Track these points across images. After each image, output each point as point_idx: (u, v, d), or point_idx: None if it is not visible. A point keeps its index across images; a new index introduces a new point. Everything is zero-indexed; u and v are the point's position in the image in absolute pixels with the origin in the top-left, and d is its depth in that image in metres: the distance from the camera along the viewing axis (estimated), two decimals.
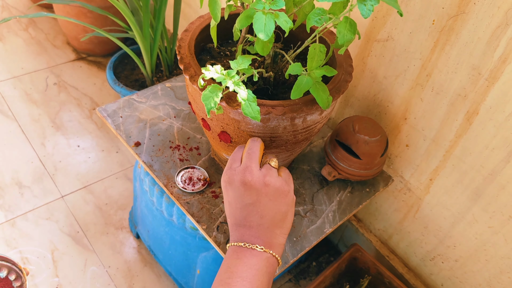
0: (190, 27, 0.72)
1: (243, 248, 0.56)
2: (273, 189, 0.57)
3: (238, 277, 0.53)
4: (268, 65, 0.69)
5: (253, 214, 0.57)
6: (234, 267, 0.55)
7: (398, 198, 1.01)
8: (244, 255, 0.56)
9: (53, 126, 1.57)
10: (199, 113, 0.71)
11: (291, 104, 0.62)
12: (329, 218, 0.82)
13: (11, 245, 1.24)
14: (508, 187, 0.76)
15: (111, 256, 1.26)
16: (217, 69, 0.55)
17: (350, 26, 0.54)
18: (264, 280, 0.55)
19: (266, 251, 0.56)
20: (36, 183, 1.40)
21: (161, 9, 1.29)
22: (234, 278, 0.53)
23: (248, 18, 0.55)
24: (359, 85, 0.96)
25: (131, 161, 1.50)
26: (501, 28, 0.66)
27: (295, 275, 1.26)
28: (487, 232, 0.84)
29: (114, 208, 1.37)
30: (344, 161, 0.83)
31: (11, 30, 1.92)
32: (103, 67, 1.83)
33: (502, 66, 0.68)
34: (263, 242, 0.57)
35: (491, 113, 0.73)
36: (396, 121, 0.91)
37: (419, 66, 0.81)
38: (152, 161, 0.84)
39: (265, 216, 0.57)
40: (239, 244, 0.57)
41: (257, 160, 0.59)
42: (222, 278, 0.55)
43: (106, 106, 0.92)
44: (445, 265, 0.97)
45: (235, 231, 0.59)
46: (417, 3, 0.76)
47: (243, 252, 0.56)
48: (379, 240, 1.13)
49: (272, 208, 0.57)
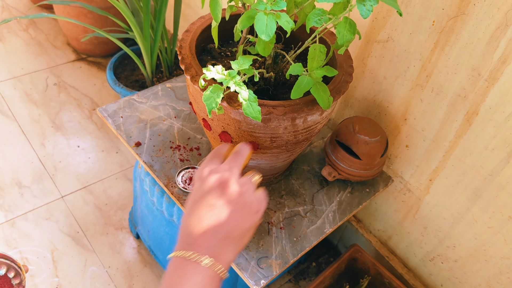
0: (191, 28, 0.72)
1: (187, 261, 0.49)
2: (245, 201, 0.53)
3: None
4: (269, 66, 0.69)
5: (214, 218, 0.51)
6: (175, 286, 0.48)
7: (398, 198, 1.01)
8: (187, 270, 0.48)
9: (53, 126, 1.57)
10: (200, 113, 0.71)
11: (292, 104, 0.62)
12: (329, 219, 0.82)
13: (11, 245, 1.24)
14: (508, 187, 0.77)
15: (111, 256, 1.26)
16: (218, 70, 0.56)
17: (349, 27, 0.54)
18: None
19: (212, 266, 0.49)
20: (36, 183, 1.40)
21: (161, 10, 1.29)
22: None
23: (249, 18, 0.55)
24: (359, 86, 0.96)
25: (131, 162, 1.50)
26: (501, 29, 0.66)
27: (295, 276, 1.26)
28: (487, 233, 0.84)
29: (114, 209, 1.37)
30: (344, 162, 0.83)
31: (11, 31, 1.92)
32: (103, 67, 1.83)
33: (502, 67, 0.69)
34: (213, 254, 0.49)
35: (490, 114, 0.73)
36: (396, 121, 0.91)
37: (419, 67, 0.81)
38: (153, 161, 0.85)
39: (225, 225, 0.51)
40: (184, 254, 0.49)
41: (241, 165, 0.57)
42: None
43: (107, 107, 0.93)
44: (444, 266, 0.97)
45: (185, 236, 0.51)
46: (417, 4, 0.76)
47: (187, 266, 0.49)
48: (379, 241, 1.13)
49: (236, 220, 0.52)
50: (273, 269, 0.73)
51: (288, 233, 0.78)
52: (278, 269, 0.73)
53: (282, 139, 0.67)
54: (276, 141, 0.67)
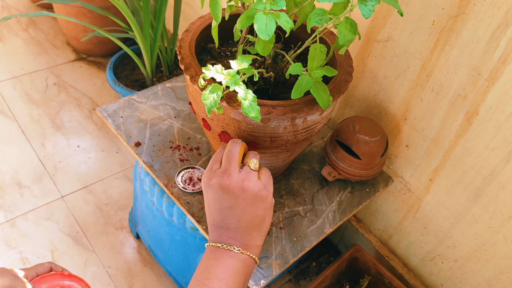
0: (190, 27, 0.72)
1: (221, 249, 0.57)
2: (251, 194, 0.57)
3: (215, 278, 0.54)
4: (268, 66, 0.69)
5: (231, 217, 0.57)
6: (212, 267, 0.55)
7: (398, 198, 1.01)
8: (221, 256, 0.56)
9: (53, 126, 1.57)
10: (199, 113, 0.71)
11: (292, 104, 0.62)
12: (329, 218, 0.82)
13: (11, 245, 1.24)
14: (508, 187, 0.77)
15: (111, 256, 1.26)
16: (218, 69, 0.56)
17: (350, 26, 0.54)
18: (241, 281, 0.56)
19: (243, 253, 0.57)
20: (36, 183, 1.40)
21: (161, 9, 1.29)
22: (211, 279, 0.54)
23: (249, 18, 0.55)
24: (359, 86, 0.96)
25: (131, 161, 1.50)
26: (501, 28, 0.66)
27: (295, 275, 1.26)
28: (487, 232, 0.84)
29: (114, 208, 1.37)
30: (344, 161, 0.83)
31: (11, 30, 1.92)
32: (103, 67, 1.83)
33: (502, 67, 0.68)
34: (240, 244, 0.57)
35: (491, 114, 0.73)
36: (396, 121, 0.91)
37: (419, 66, 0.81)
38: (153, 161, 0.84)
39: (242, 220, 0.57)
40: (217, 244, 0.58)
41: (236, 163, 0.59)
42: (199, 279, 0.55)
43: (107, 106, 0.93)
44: (445, 265, 0.97)
45: (214, 231, 0.59)
46: (417, 3, 0.76)
47: (221, 253, 0.57)
48: (379, 240, 1.13)
49: (250, 212, 0.57)
50: (273, 269, 0.73)
51: (288, 233, 0.78)
52: (278, 269, 0.73)
53: (281, 139, 0.67)
54: (275, 141, 0.67)
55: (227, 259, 0.56)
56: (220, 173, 0.58)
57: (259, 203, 0.58)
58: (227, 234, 0.58)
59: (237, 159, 0.59)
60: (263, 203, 0.58)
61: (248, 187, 0.57)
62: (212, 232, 0.59)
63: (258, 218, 0.58)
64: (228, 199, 0.57)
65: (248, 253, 0.57)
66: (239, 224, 0.57)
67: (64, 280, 0.69)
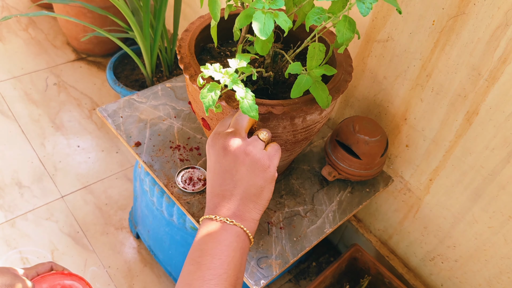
0: (190, 27, 0.72)
1: (213, 221, 0.55)
2: (252, 159, 0.55)
3: (208, 255, 0.52)
4: (268, 65, 0.69)
5: (228, 182, 0.55)
6: (204, 244, 0.53)
7: (398, 198, 1.00)
8: (213, 229, 0.54)
9: (53, 126, 1.57)
10: (199, 112, 0.71)
11: (291, 103, 0.62)
12: (329, 218, 0.82)
13: (11, 245, 1.24)
14: (508, 187, 0.76)
15: (111, 256, 1.26)
16: (216, 67, 0.55)
17: (349, 25, 0.54)
18: (236, 255, 0.53)
19: (236, 225, 0.54)
20: (36, 183, 1.40)
21: (161, 9, 1.29)
22: (204, 256, 0.52)
23: (247, 17, 0.55)
24: (359, 85, 0.96)
25: (131, 161, 1.50)
26: (501, 28, 0.66)
27: (295, 275, 1.26)
28: (487, 232, 0.84)
29: (114, 208, 1.37)
30: (344, 161, 0.83)
31: (11, 30, 1.92)
32: (103, 67, 1.83)
33: (502, 67, 0.68)
34: (234, 215, 0.55)
35: (491, 114, 0.73)
36: (396, 121, 0.91)
37: (419, 66, 0.81)
38: (153, 161, 0.84)
39: (239, 186, 0.55)
40: (210, 216, 0.55)
41: (244, 127, 0.57)
42: (193, 257, 0.53)
43: (107, 106, 0.92)
44: (445, 265, 0.97)
45: (210, 200, 0.57)
46: (417, 3, 0.76)
47: (213, 226, 0.54)
48: (379, 240, 1.13)
49: (248, 179, 0.55)
50: (273, 269, 0.73)
51: (288, 233, 0.78)
52: (278, 269, 0.73)
53: (281, 139, 0.67)
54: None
55: (220, 233, 0.54)
56: (225, 134, 0.56)
57: (259, 172, 0.56)
58: (222, 203, 0.55)
59: (246, 124, 0.58)
60: (263, 173, 0.56)
61: (251, 151, 0.55)
62: (209, 202, 0.57)
63: (255, 187, 0.56)
64: (228, 161, 0.55)
65: (242, 225, 0.54)
66: (234, 190, 0.55)
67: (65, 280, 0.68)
